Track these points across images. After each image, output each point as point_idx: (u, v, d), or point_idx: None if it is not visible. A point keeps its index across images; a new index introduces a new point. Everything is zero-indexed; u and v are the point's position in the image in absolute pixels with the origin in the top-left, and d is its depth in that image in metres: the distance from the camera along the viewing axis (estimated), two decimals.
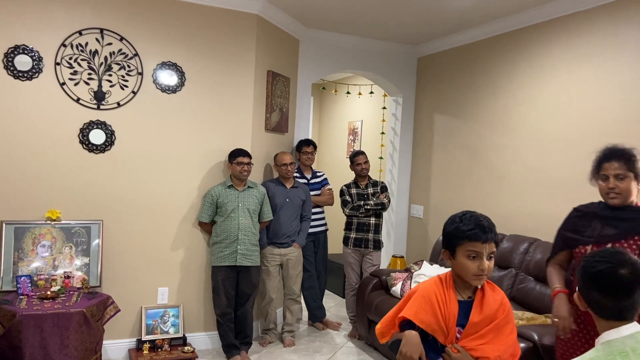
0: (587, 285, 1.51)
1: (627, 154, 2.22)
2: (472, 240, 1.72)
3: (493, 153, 4.62)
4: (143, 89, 3.88)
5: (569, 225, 2.40)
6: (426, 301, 1.78)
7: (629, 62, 3.49)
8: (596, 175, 2.30)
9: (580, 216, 2.37)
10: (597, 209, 2.32)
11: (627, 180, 2.20)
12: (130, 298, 3.90)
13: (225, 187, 3.96)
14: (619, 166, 2.20)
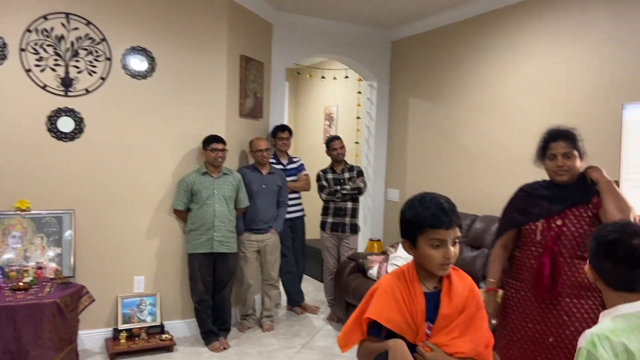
0: (598, 255, 1.51)
1: (571, 133, 2.33)
2: (435, 227, 1.56)
3: (467, 135, 4.66)
4: (112, 75, 3.80)
5: (516, 205, 2.47)
6: (390, 298, 1.61)
7: (592, 45, 3.55)
8: (542, 156, 2.39)
9: (526, 195, 2.45)
10: (543, 188, 2.40)
11: (572, 159, 2.30)
12: (106, 287, 3.86)
13: (199, 174, 3.93)
14: (565, 145, 2.31)
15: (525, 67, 4.08)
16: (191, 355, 3.80)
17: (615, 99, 3.39)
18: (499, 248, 2.49)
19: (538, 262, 2.30)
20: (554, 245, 2.27)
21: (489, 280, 2.46)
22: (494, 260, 2.49)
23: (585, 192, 2.31)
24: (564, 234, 2.28)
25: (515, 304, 2.39)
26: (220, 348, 3.89)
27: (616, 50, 3.41)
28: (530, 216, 2.37)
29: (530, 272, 2.34)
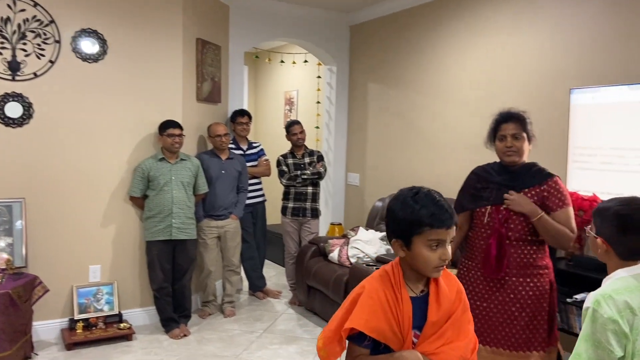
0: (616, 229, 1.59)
1: (521, 116, 2.43)
2: (435, 227, 1.45)
3: (425, 119, 4.74)
4: (62, 58, 3.68)
5: (468, 189, 2.56)
6: (375, 304, 1.47)
7: (543, 30, 3.65)
8: (493, 137, 2.48)
9: (477, 179, 2.54)
10: (494, 171, 2.50)
11: (521, 140, 2.40)
12: (60, 277, 3.77)
13: (156, 160, 3.86)
14: (515, 127, 2.40)
15: (479, 51, 4.17)
16: (151, 343, 3.77)
17: (563, 84, 3.50)
18: None
19: (486, 243, 2.41)
20: (501, 228, 2.37)
21: None
22: None
23: (533, 177, 2.41)
24: (511, 217, 2.38)
25: (466, 282, 2.49)
26: (180, 335, 3.87)
27: (564, 36, 3.52)
28: (481, 201, 2.46)
29: (479, 253, 2.45)
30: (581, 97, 3.30)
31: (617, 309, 1.48)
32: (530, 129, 2.44)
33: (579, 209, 3.08)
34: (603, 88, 3.18)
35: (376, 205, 4.87)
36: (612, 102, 3.13)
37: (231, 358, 3.57)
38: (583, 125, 3.29)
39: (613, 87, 3.13)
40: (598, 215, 1.66)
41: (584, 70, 3.40)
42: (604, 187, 3.14)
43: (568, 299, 2.99)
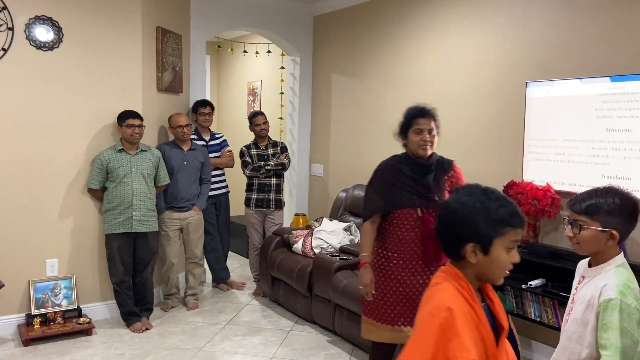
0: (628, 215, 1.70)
1: (434, 112, 2.59)
2: (516, 226, 1.32)
3: (388, 111, 4.79)
4: (15, 46, 3.54)
5: (383, 186, 2.61)
6: (472, 327, 1.27)
7: (500, 25, 3.75)
8: (406, 130, 2.60)
9: (392, 174, 2.61)
10: (403, 164, 2.61)
11: (434, 134, 2.58)
12: (16, 272, 3.66)
13: (115, 151, 3.78)
14: (430, 122, 2.56)
15: (439, 45, 4.24)
16: (111, 338, 3.71)
17: (520, 77, 3.61)
18: (370, 225, 2.62)
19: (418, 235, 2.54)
20: (430, 217, 2.54)
21: (363, 255, 2.61)
22: (366, 236, 2.62)
23: (442, 167, 2.64)
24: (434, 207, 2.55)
25: (396, 273, 2.59)
26: (142, 329, 3.82)
27: (522, 30, 3.62)
28: (412, 200, 2.55)
29: (409, 244, 2.56)
30: (536, 90, 3.40)
31: (635, 297, 1.61)
32: (439, 124, 2.60)
33: (534, 198, 3.20)
34: (557, 82, 3.30)
35: (340, 196, 4.90)
36: (566, 95, 3.24)
37: (194, 350, 3.55)
38: (538, 117, 3.41)
39: (567, 81, 3.25)
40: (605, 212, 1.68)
41: (539, 64, 3.51)
42: (558, 177, 3.27)
43: (523, 286, 3.11)
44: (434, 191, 2.57)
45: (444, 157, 2.65)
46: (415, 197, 2.54)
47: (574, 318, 1.74)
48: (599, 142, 3.07)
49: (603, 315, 1.62)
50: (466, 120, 4.03)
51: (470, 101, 3.99)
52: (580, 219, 1.71)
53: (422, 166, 2.57)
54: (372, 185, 2.66)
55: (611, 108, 3.01)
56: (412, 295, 2.57)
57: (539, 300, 3.09)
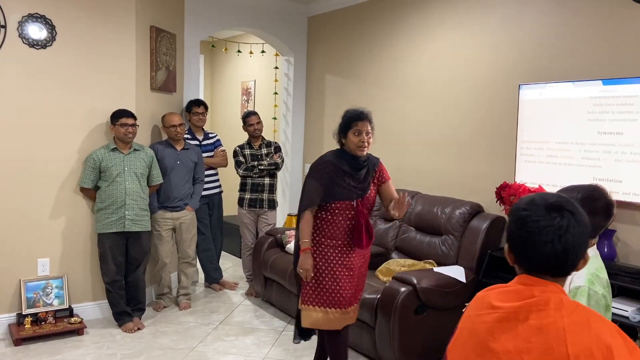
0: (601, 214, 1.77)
1: (370, 116, 2.82)
2: None
3: (381, 113, 4.80)
4: (7, 44, 3.52)
5: (325, 178, 2.80)
6: None
7: (494, 27, 3.77)
8: (345, 131, 2.81)
9: (333, 169, 2.80)
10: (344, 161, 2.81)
11: (370, 136, 2.80)
12: (7, 271, 3.63)
13: (108, 150, 3.76)
14: (368, 125, 2.78)
15: (433, 47, 4.25)
16: (103, 338, 3.70)
17: (513, 79, 3.63)
18: (310, 213, 2.83)
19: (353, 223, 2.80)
20: (364, 209, 2.81)
21: (304, 241, 2.80)
22: (307, 224, 2.82)
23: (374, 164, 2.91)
24: (368, 199, 2.86)
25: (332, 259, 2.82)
26: (134, 329, 3.80)
27: (515, 33, 3.64)
28: (351, 193, 2.79)
29: (345, 232, 2.81)
30: (529, 92, 3.43)
31: (603, 285, 1.70)
32: (374, 127, 2.84)
33: None
34: (550, 84, 3.32)
35: None
36: (558, 97, 3.27)
37: (186, 351, 3.54)
38: (531, 119, 3.43)
39: (559, 84, 3.27)
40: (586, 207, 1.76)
41: (532, 66, 3.53)
42: (550, 179, 3.29)
43: None
44: (366, 184, 2.84)
45: (372, 155, 2.91)
46: (352, 190, 2.79)
47: None
48: (591, 144, 3.09)
49: None
50: (459, 121, 4.05)
51: (463, 103, 4.01)
52: None
53: (358, 162, 2.81)
54: (313, 178, 2.83)
55: (603, 111, 3.04)
56: (347, 279, 2.82)
57: None
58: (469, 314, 1.31)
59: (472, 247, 3.49)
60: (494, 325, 1.22)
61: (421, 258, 3.78)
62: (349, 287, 2.82)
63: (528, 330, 1.18)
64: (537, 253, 1.22)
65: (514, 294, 1.24)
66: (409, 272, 3.36)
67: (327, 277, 2.81)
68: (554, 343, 1.14)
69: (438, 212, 3.79)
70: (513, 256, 1.29)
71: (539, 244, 1.20)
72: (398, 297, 3.14)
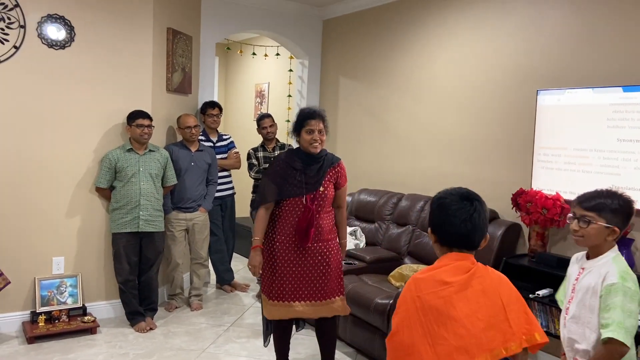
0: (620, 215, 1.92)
1: (323, 114, 2.91)
2: None
3: (394, 116, 4.79)
4: (27, 44, 3.55)
5: (277, 176, 2.89)
6: None
7: (512, 32, 3.74)
8: (299, 129, 2.88)
9: (285, 166, 2.90)
10: (297, 158, 2.90)
11: (323, 134, 2.88)
12: (22, 269, 3.66)
13: (124, 150, 3.78)
14: (320, 123, 2.85)
15: (450, 50, 4.23)
16: (115, 337, 3.71)
17: (531, 84, 3.60)
18: (265, 211, 2.91)
19: (300, 219, 2.85)
20: (312, 205, 2.85)
21: (255, 239, 2.90)
22: (260, 221, 2.91)
23: (330, 162, 2.95)
24: (320, 196, 2.88)
25: (282, 252, 2.90)
26: (146, 328, 3.82)
27: (534, 37, 3.61)
28: (301, 189, 2.86)
29: (293, 227, 2.88)
30: (547, 98, 3.39)
31: (634, 281, 1.81)
32: (327, 124, 2.91)
33: (543, 207, 3.18)
34: (569, 90, 3.28)
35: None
36: (577, 104, 3.23)
37: (198, 352, 3.54)
38: (549, 126, 3.39)
39: (578, 90, 3.23)
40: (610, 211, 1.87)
41: (550, 72, 3.50)
42: (568, 186, 3.25)
43: (530, 295, 3.09)
44: (318, 179, 2.88)
45: (334, 155, 3.02)
46: (303, 187, 2.85)
47: (582, 305, 1.90)
48: (610, 152, 3.05)
49: (605, 299, 1.80)
50: (474, 126, 4.02)
51: (479, 107, 3.98)
52: (588, 214, 1.89)
53: (312, 159, 2.88)
54: (268, 176, 2.94)
55: (623, 118, 2.99)
56: (297, 274, 2.90)
57: (546, 310, 3.08)
58: (417, 295, 1.59)
59: (487, 253, 3.46)
60: (452, 296, 1.56)
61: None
62: (290, 281, 2.90)
63: (476, 294, 1.57)
64: (453, 230, 1.64)
65: (459, 269, 1.61)
66: None
67: (269, 270, 2.94)
68: (493, 298, 1.58)
69: None
70: (435, 236, 1.71)
71: (455, 223, 1.63)
72: None
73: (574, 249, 3.28)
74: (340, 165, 3.01)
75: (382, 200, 4.43)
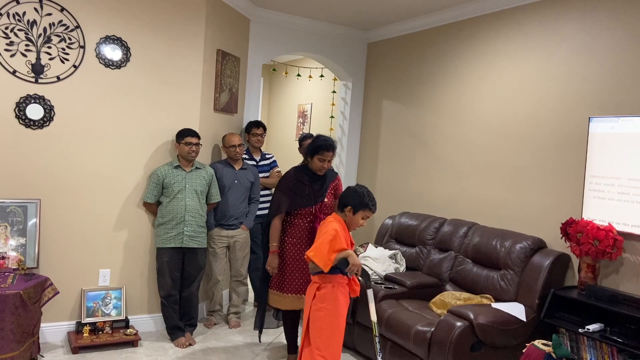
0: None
1: (336, 145, 3.45)
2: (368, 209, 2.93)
3: (437, 139, 4.75)
4: (85, 63, 3.72)
5: (291, 190, 3.42)
6: (342, 237, 2.83)
7: (564, 58, 3.66)
8: (312, 154, 3.40)
9: (296, 182, 3.44)
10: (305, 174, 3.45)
11: (331, 162, 3.45)
12: (70, 280, 3.78)
13: (172, 167, 3.88)
14: (331, 154, 3.41)
15: (497, 75, 4.18)
16: (156, 351, 3.76)
17: (582, 111, 3.51)
18: (279, 220, 3.45)
19: (311, 225, 3.44)
20: (320, 214, 3.44)
21: (273, 244, 3.44)
22: (276, 229, 3.45)
23: (332, 176, 3.58)
24: (325, 205, 3.49)
25: (292, 254, 3.46)
26: (185, 344, 3.86)
27: (586, 63, 3.53)
28: (310, 200, 3.42)
29: (304, 232, 3.45)
30: (600, 126, 3.30)
31: None
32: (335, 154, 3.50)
33: (594, 238, 3.07)
34: (623, 118, 3.18)
35: (386, 222, 4.86)
36: (632, 132, 3.13)
37: None
38: (601, 154, 3.29)
39: (633, 118, 3.13)
40: None
41: (603, 99, 3.40)
42: (621, 217, 3.13)
43: (580, 330, 2.97)
44: (322, 191, 3.47)
45: (333, 170, 3.60)
46: (311, 198, 3.42)
47: None
48: None
49: None
50: (521, 152, 3.94)
51: (528, 133, 3.90)
52: None
53: (317, 177, 3.47)
54: (280, 191, 3.46)
55: None
56: (304, 271, 3.41)
57: (596, 346, 2.95)
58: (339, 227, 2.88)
59: (534, 284, 3.35)
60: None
61: (477, 292, 3.66)
62: (298, 277, 3.44)
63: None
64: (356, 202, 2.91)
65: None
66: (465, 306, 3.26)
67: (280, 268, 3.46)
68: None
69: (497, 245, 3.67)
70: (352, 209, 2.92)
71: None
72: (453, 332, 3.04)
73: (626, 283, 3.16)
74: (338, 179, 3.64)
75: (424, 225, 4.37)
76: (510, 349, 3.20)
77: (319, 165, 3.40)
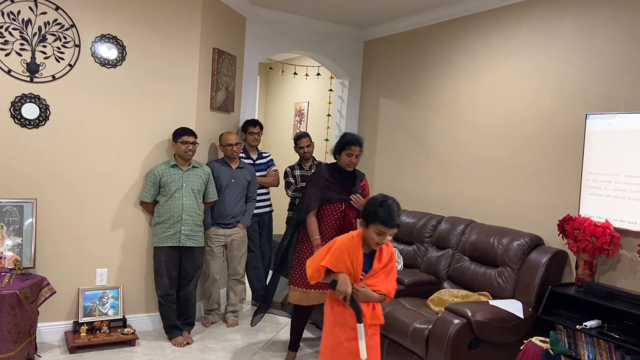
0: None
1: (362, 141, 3.46)
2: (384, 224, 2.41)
3: (434, 138, 4.75)
4: (80, 62, 3.71)
5: (320, 186, 3.49)
6: (341, 254, 2.47)
7: (560, 55, 3.67)
8: (340, 151, 3.44)
9: (327, 178, 3.50)
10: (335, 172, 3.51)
11: (359, 157, 3.46)
12: (67, 279, 3.77)
13: (168, 166, 3.87)
14: (359, 149, 3.42)
15: (494, 73, 4.18)
16: (154, 350, 3.76)
17: (579, 108, 3.51)
18: (313, 215, 3.50)
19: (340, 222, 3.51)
20: (350, 210, 3.51)
21: (315, 238, 3.47)
22: (313, 224, 3.49)
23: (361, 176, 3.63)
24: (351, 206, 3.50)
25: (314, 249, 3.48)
26: (183, 343, 3.85)
27: (583, 61, 3.53)
28: (341, 196, 3.48)
29: (333, 228, 3.50)
30: (597, 123, 3.30)
31: None
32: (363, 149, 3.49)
33: (592, 235, 3.07)
34: (620, 115, 3.19)
35: None
36: (629, 129, 3.13)
37: None
38: (598, 151, 3.30)
39: (630, 115, 3.14)
40: None
41: (600, 96, 3.41)
42: (617, 214, 3.14)
43: (577, 326, 2.97)
44: (352, 191, 3.51)
45: (360, 171, 3.65)
46: (341, 195, 3.48)
47: None
48: None
49: None
50: (518, 150, 3.94)
51: (525, 131, 3.90)
52: None
53: (347, 174, 3.53)
54: (313, 186, 3.53)
55: None
56: None
57: (593, 343, 2.95)
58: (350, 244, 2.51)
59: (531, 281, 3.36)
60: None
61: (475, 289, 3.66)
62: None
63: None
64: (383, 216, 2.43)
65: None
66: (463, 304, 3.26)
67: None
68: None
69: (494, 243, 3.68)
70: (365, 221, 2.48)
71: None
72: (451, 330, 3.05)
73: (623, 279, 3.16)
74: (365, 179, 3.70)
75: (422, 222, 4.37)
76: (508, 346, 3.21)
77: (347, 161, 3.45)
